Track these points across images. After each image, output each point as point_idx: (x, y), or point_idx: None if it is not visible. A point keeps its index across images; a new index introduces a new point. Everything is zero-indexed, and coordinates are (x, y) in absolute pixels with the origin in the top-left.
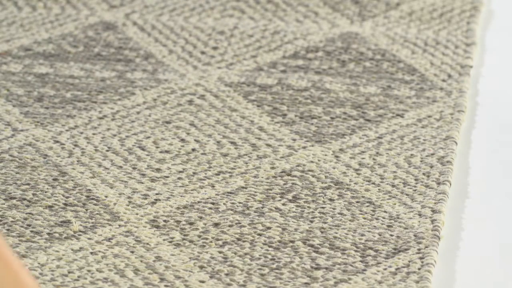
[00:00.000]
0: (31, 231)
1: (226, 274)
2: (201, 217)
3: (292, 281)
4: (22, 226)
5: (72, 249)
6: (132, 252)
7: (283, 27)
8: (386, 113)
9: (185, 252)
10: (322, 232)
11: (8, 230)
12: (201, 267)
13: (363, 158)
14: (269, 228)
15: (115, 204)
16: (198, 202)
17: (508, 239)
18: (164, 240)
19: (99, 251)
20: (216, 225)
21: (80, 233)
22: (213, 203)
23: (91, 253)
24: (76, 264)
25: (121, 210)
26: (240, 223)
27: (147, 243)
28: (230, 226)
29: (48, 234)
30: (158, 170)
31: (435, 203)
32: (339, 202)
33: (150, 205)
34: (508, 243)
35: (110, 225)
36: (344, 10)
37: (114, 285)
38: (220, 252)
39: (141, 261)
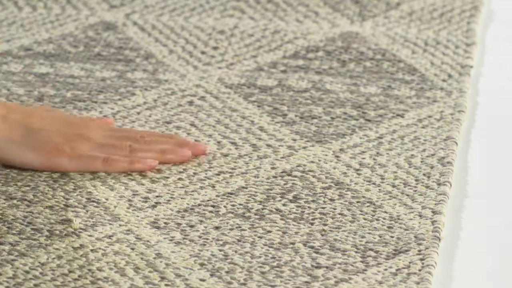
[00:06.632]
0: (32, 229)
1: (227, 272)
2: (201, 221)
3: (293, 279)
4: (22, 224)
5: (72, 247)
6: (133, 249)
7: (283, 27)
8: (386, 113)
9: (186, 250)
10: (322, 235)
11: (8, 228)
12: (202, 265)
13: (363, 158)
14: (269, 231)
15: (115, 206)
16: (199, 204)
17: (508, 239)
18: (164, 238)
19: (100, 248)
20: (216, 228)
21: (81, 230)
22: (213, 206)
23: (91, 250)
24: (77, 262)
25: (121, 213)
26: (240, 226)
27: (148, 241)
28: (230, 229)
29: (48, 231)
30: (158, 170)
31: (435, 204)
32: (339, 202)
33: (151, 208)
34: (508, 243)
35: (110, 224)
36: (344, 10)
37: (115, 284)
38: (220, 250)
39: (142, 258)
